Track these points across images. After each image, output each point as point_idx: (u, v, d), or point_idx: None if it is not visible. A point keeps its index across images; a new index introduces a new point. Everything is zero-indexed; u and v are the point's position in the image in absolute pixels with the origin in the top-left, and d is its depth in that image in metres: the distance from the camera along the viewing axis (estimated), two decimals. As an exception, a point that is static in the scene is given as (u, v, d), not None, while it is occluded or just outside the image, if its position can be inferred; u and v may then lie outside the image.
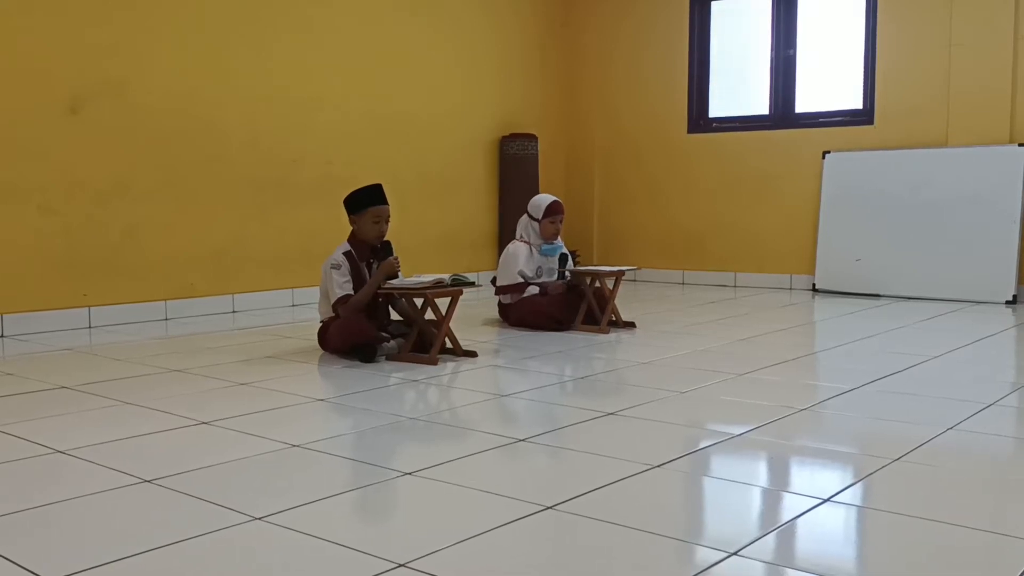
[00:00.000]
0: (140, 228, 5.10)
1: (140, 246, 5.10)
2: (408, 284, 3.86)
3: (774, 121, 6.80)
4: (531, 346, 4.27)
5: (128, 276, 5.05)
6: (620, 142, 7.49)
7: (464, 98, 6.87)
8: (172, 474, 2.35)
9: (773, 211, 6.76)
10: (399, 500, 2.21)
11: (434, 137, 6.64)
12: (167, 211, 5.20)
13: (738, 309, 5.64)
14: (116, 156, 4.98)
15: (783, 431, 2.76)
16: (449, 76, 6.75)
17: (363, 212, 4.02)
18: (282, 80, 5.69)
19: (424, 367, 3.74)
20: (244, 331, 4.83)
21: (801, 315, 5.62)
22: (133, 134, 5.04)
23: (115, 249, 5.00)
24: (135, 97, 5.04)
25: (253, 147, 5.56)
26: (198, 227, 5.33)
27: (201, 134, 5.32)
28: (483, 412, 3.05)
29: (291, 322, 5.18)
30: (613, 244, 7.55)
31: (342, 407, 3.11)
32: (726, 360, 3.89)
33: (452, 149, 6.79)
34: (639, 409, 3.01)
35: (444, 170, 6.74)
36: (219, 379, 3.53)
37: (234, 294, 5.49)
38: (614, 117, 7.51)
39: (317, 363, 3.89)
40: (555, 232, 4.86)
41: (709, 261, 7.07)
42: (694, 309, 5.68)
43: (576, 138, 7.71)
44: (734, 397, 3.20)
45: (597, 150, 7.61)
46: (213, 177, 5.38)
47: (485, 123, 7.04)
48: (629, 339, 4.49)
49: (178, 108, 5.21)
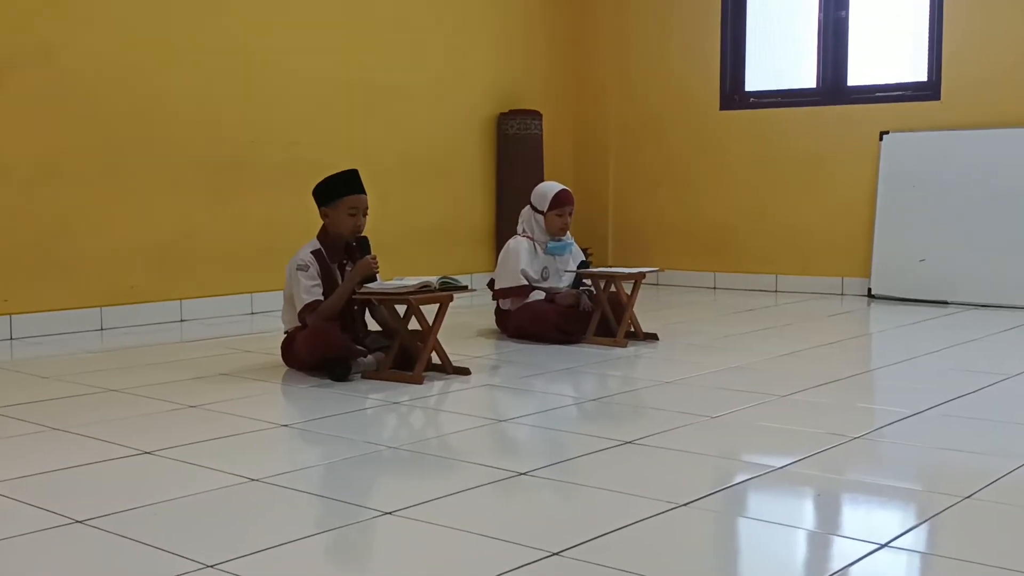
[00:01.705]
0: (71, 221, 5.10)
1: (71, 242, 5.10)
2: (388, 288, 3.86)
3: (822, 95, 6.79)
4: (534, 362, 4.27)
5: (57, 278, 5.04)
6: (639, 120, 7.48)
7: (455, 67, 6.88)
8: (108, 513, 2.34)
9: (821, 202, 6.76)
10: (377, 544, 2.21)
11: (420, 113, 6.64)
12: (103, 200, 5.20)
13: (779, 318, 5.64)
14: (42, 135, 4.98)
15: (833, 463, 2.76)
16: (437, 40, 6.75)
17: (336, 203, 4.02)
18: (239, 45, 5.70)
19: (407, 387, 3.74)
20: (194, 343, 4.81)
21: (854, 325, 5.61)
22: (63, 109, 5.04)
23: (41, 246, 5.00)
24: (65, 65, 5.04)
25: (205, 124, 5.56)
26: (140, 219, 5.33)
27: (144, 109, 5.32)
28: (477, 440, 3.04)
29: (250, 333, 5.16)
30: (631, 241, 7.54)
31: (310, 434, 3.11)
32: (765, 379, 3.89)
33: (441, 127, 6.79)
34: (662, 437, 3.01)
35: (432, 152, 6.73)
36: (165, 400, 3.52)
37: (182, 299, 5.49)
38: (632, 90, 7.50)
39: (281, 382, 3.88)
40: (563, 227, 4.86)
41: (745, 261, 7.06)
42: (727, 318, 5.67)
43: (587, 115, 7.70)
44: (774, 423, 3.20)
45: (612, 129, 7.60)
46: (158, 160, 5.38)
47: (480, 97, 7.04)
48: (650, 354, 4.49)
49: (116, 78, 5.21)
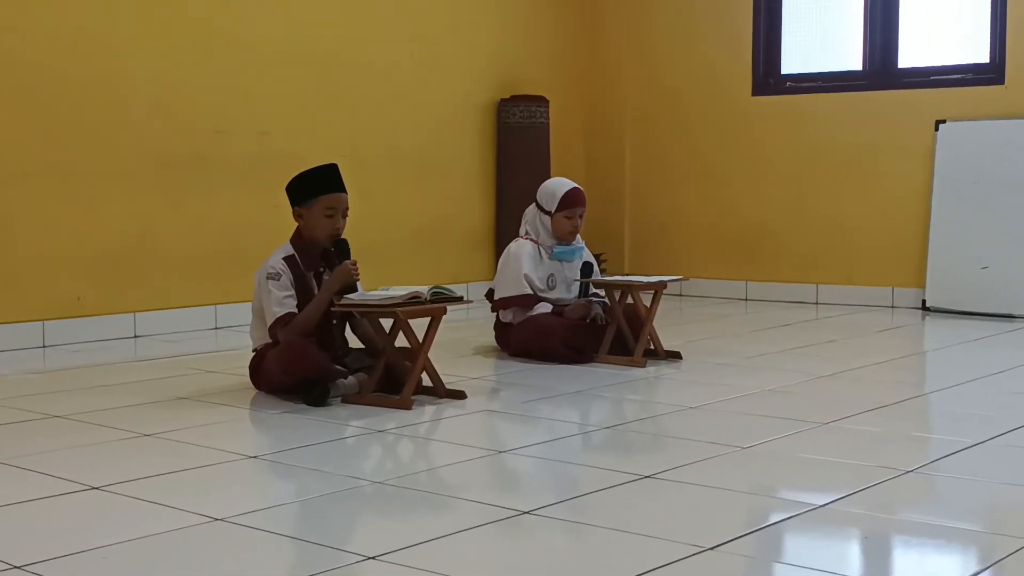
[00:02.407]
0: (7, 223, 5.09)
1: (7, 248, 5.09)
2: (372, 299, 3.85)
3: (869, 79, 6.79)
4: (539, 384, 4.26)
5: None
6: (661, 106, 7.47)
7: (449, 45, 6.87)
8: (51, 558, 2.33)
9: (868, 201, 6.75)
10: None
11: (408, 99, 6.64)
12: (44, 200, 5.19)
13: (821, 334, 5.62)
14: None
15: (882, 501, 2.75)
16: (428, 15, 6.76)
17: (311, 202, 4.02)
18: (200, 20, 5.70)
19: (394, 412, 3.73)
20: (150, 363, 4.80)
21: (906, 342, 5.60)
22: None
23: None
24: (3, 45, 5.04)
25: (162, 112, 5.55)
26: (87, 221, 5.32)
27: (92, 95, 5.31)
28: (474, 474, 3.03)
29: (214, 351, 5.15)
30: (651, 246, 7.53)
31: (282, 467, 3.10)
32: (804, 404, 3.87)
33: (433, 115, 6.79)
34: (686, 470, 2.99)
35: (422, 143, 6.73)
36: (115, 428, 3.50)
37: (136, 312, 5.48)
38: (653, 73, 7.49)
39: (249, 406, 3.87)
40: (573, 230, 4.86)
41: (782, 268, 7.05)
42: (761, 334, 5.66)
43: (601, 101, 7.69)
44: (815, 454, 3.18)
45: (629, 118, 7.59)
46: (108, 153, 5.37)
47: (478, 80, 7.04)
48: (673, 375, 4.48)
49: (61, 59, 5.22)
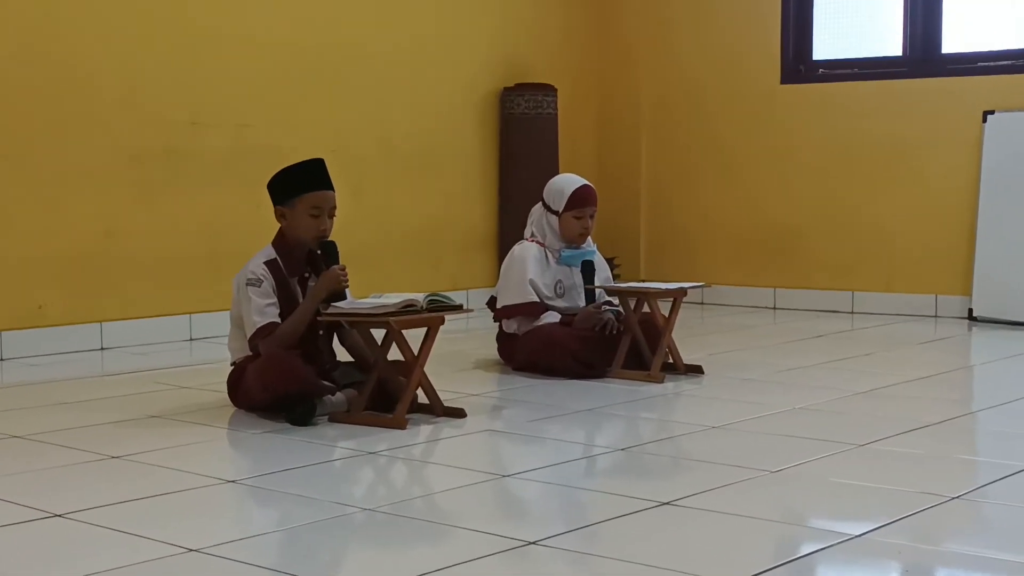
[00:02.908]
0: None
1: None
2: (363, 308, 3.85)
3: (911, 66, 6.80)
4: (547, 401, 4.25)
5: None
6: (680, 96, 7.49)
7: (448, 29, 6.88)
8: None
9: (909, 199, 6.75)
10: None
11: (403, 88, 6.65)
12: (4, 198, 5.20)
13: (857, 346, 5.62)
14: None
15: (925, 530, 2.75)
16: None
17: (295, 201, 4.02)
18: (175, 2, 5.70)
19: (386, 432, 3.72)
20: (118, 377, 4.79)
21: (951, 356, 5.59)
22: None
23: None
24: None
25: (132, 102, 5.55)
26: (49, 221, 5.32)
27: (56, 84, 5.32)
28: (475, 500, 3.02)
29: (188, 364, 5.15)
30: (669, 248, 7.53)
31: (264, 492, 3.09)
32: (839, 423, 3.87)
33: (430, 105, 6.79)
34: (708, 497, 2.99)
35: (417, 137, 6.74)
36: (80, 449, 3.49)
37: (102, 321, 5.48)
38: (671, 59, 7.50)
39: (227, 426, 3.87)
40: (583, 231, 4.87)
41: (813, 274, 7.05)
42: (791, 346, 5.66)
43: (614, 90, 7.71)
44: (851, 478, 3.18)
45: (645, 108, 7.61)
46: (71, 146, 5.37)
47: (479, 67, 7.04)
48: (694, 391, 4.47)
49: (21, 46, 5.22)
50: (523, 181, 6.81)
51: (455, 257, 6.96)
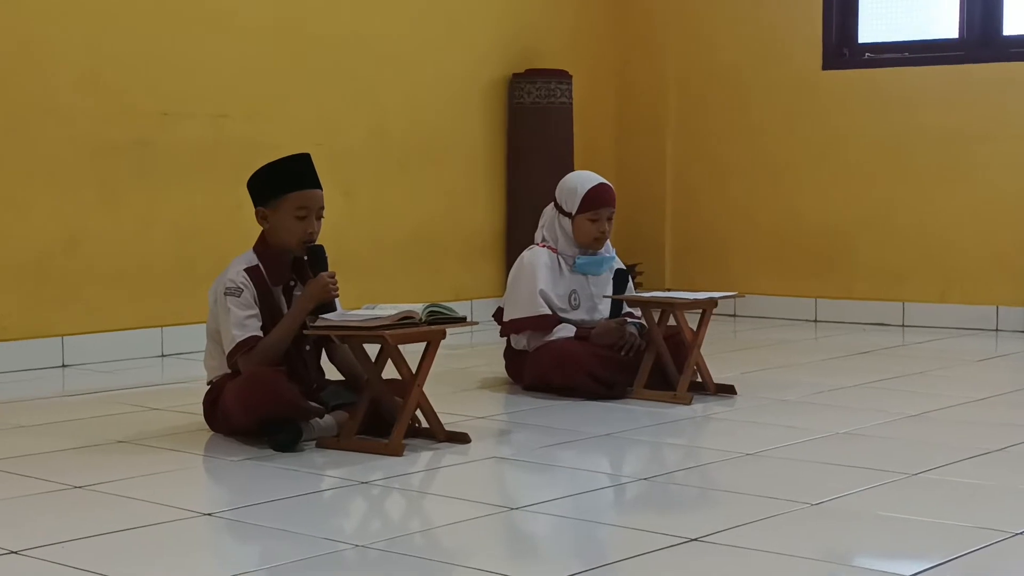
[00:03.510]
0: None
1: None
2: (355, 320, 3.84)
3: (968, 49, 6.79)
4: (560, 425, 4.25)
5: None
6: (710, 83, 7.48)
7: (448, 9, 6.87)
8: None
9: (966, 199, 6.74)
10: None
11: (399, 74, 6.64)
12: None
13: (907, 363, 5.61)
14: None
15: (983, 570, 2.73)
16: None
17: (279, 201, 4.01)
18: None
19: (381, 460, 3.71)
20: (81, 397, 4.78)
21: (1013, 374, 5.57)
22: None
23: None
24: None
25: (96, 90, 5.54)
26: (4, 224, 5.31)
27: (11, 70, 5.31)
28: (480, 536, 3.01)
29: (160, 383, 5.14)
30: (697, 254, 7.52)
31: (244, 527, 3.08)
32: (887, 450, 3.86)
33: (429, 94, 6.78)
34: (740, 532, 2.97)
35: (415, 129, 6.73)
36: (39, 479, 3.48)
37: (64, 335, 5.48)
38: (700, 41, 7.50)
39: (203, 452, 3.87)
40: (599, 235, 4.86)
41: (859, 283, 7.04)
42: (833, 363, 5.64)
43: (637, 77, 7.69)
44: (901, 512, 3.17)
45: (671, 96, 7.60)
46: (28, 140, 5.36)
47: (485, 51, 7.04)
48: (725, 414, 4.47)
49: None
50: (533, 179, 6.80)
51: (457, 264, 6.95)
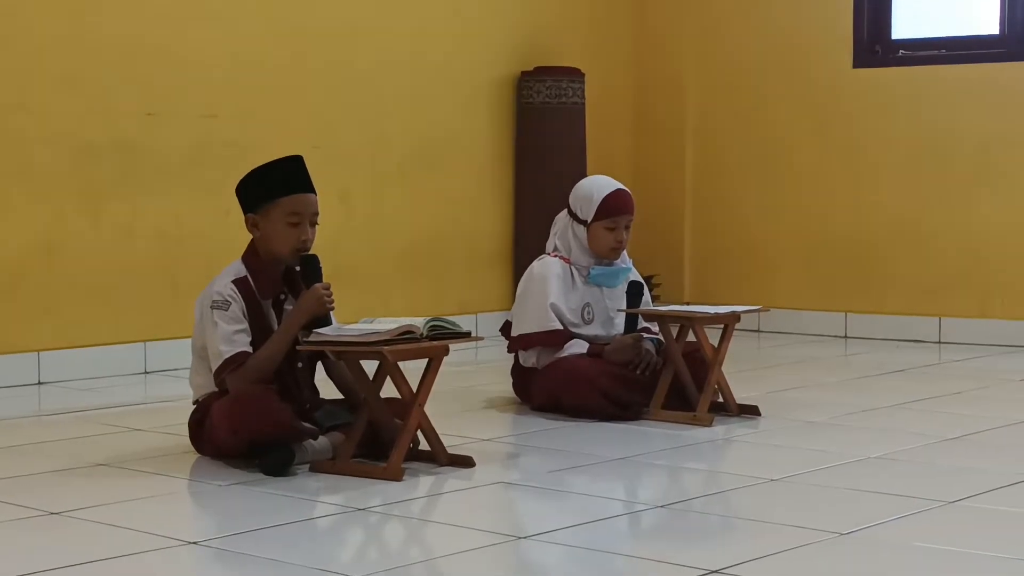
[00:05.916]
0: None
1: None
2: (351, 335, 3.85)
3: (1010, 47, 6.82)
4: (571, 448, 4.27)
5: None
6: (731, 82, 7.52)
7: (454, 4, 6.90)
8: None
9: (1007, 208, 6.76)
10: None
11: (400, 73, 6.67)
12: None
13: (944, 383, 5.63)
14: None
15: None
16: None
17: (270, 207, 4.03)
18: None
19: (379, 484, 3.73)
20: (58, 417, 4.83)
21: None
22: None
23: None
24: None
25: (75, 88, 5.56)
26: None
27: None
28: (485, 566, 3.03)
29: (142, 402, 5.19)
30: (718, 265, 7.57)
31: (232, 556, 3.09)
32: (923, 476, 3.89)
33: (433, 94, 6.82)
34: (765, 564, 2.99)
35: (418, 130, 6.75)
36: (14, 504, 3.50)
37: (40, 351, 5.50)
38: (721, 38, 7.54)
39: (188, 476, 3.89)
40: (616, 245, 4.87)
41: (892, 296, 7.07)
42: (864, 382, 5.68)
43: (653, 75, 7.74)
44: (939, 542, 3.19)
45: (691, 96, 7.64)
46: (4, 141, 5.38)
47: (493, 50, 7.07)
48: (748, 436, 4.50)
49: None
50: (544, 184, 6.85)
51: (462, 275, 6.98)
